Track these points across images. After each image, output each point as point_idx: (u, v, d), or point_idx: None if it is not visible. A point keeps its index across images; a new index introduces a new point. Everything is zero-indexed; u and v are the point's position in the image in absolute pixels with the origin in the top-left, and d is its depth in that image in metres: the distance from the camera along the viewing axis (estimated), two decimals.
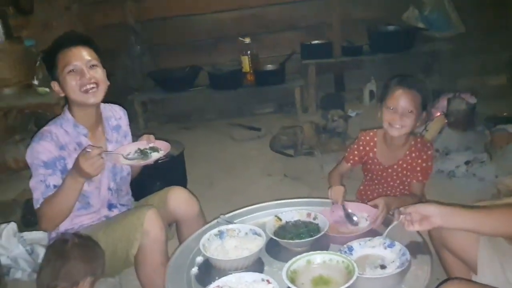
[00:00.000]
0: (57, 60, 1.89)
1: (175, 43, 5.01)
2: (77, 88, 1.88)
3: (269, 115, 4.97)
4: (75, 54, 1.89)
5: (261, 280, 1.47)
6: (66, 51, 1.89)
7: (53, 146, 1.87)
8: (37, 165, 1.85)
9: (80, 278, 1.58)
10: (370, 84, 4.72)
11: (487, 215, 1.42)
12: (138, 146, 1.94)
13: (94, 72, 1.91)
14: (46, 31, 4.06)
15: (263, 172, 3.72)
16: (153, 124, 4.96)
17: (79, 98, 1.90)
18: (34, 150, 1.86)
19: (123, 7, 4.90)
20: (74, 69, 1.88)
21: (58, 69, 1.89)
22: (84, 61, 1.89)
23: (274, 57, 4.89)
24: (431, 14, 4.73)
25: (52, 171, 1.85)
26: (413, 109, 2.04)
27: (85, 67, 1.89)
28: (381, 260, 1.57)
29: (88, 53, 1.92)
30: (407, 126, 2.07)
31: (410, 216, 1.48)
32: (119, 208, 2.11)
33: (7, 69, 2.99)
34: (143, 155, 1.90)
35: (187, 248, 1.79)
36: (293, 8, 4.95)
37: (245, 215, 1.99)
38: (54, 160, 1.86)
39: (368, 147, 2.27)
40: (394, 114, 2.06)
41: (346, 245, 1.63)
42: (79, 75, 1.88)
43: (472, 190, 3.07)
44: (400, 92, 2.05)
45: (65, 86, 1.90)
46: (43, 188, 1.83)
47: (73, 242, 1.61)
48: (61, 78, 1.90)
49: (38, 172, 1.85)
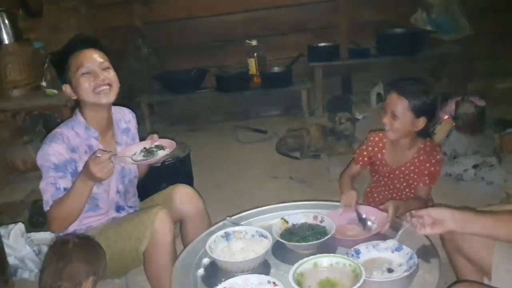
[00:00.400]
0: (69, 63, 1.90)
1: (182, 45, 5.02)
2: (91, 89, 1.89)
3: (276, 117, 4.97)
4: (88, 56, 1.90)
5: (267, 282, 1.47)
6: (78, 54, 1.89)
7: (64, 148, 1.88)
8: (47, 167, 1.85)
9: (83, 279, 1.58)
10: (377, 87, 4.70)
11: (501, 221, 1.40)
12: (143, 146, 1.95)
13: (107, 73, 1.92)
14: (54, 33, 4.09)
15: (269, 175, 3.71)
16: (160, 126, 4.97)
17: (92, 99, 1.90)
18: (45, 152, 1.86)
19: (130, 10, 4.93)
20: (87, 71, 1.88)
21: (71, 72, 1.90)
22: (97, 63, 1.90)
23: (281, 59, 4.89)
24: (439, 17, 4.72)
25: (62, 174, 1.85)
26: (400, 114, 2.06)
27: (98, 69, 1.90)
28: (388, 263, 1.56)
29: (100, 55, 1.93)
30: (395, 129, 2.10)
31: (422, 219, 1.47)
32: (127, 210, 2.12)
33: (17, 71, 3.02)
34: (149, 154, 1.91)
35: (193, 249, 1.79)
36: (300, 10, 4.96)
37: (251, 217, 1.98)
38: (65, 162, 1.86)
39: (377, 148, 2.27)
40: (385, 116, 2.11)
41: (353, 248, 1.62)
42: (93, 77, 1.88)
43: (480, 194, 3.05)
44: (391, 96, 2.10)
45: (78, 88, 1.90)
46: (53, 190, 1.84)
47: (74, 243, 1.61)
48: (73, 80, 1.90)
49: (48, 175, 1.85)
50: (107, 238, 1.86)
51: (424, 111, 2.08)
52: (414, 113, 2.07)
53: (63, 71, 1.92)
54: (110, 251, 1.78)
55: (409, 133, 2.14)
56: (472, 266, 1.68)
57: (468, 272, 1.72)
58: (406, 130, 2.11)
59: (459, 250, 1.69)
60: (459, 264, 1.76)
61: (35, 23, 3.76)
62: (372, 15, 4.84)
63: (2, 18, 2.97)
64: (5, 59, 2.97)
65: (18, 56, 3.00)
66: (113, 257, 1.82)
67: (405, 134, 2.14)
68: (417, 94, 2.07)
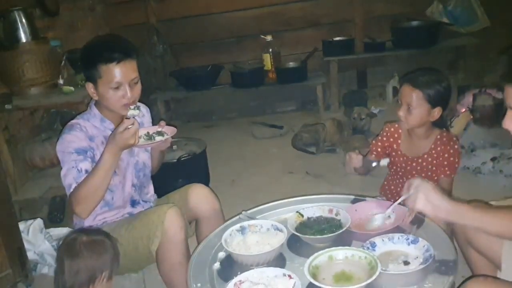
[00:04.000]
0: (100, 71, 1.85)
1: (197, 42, 5.04)
2: (118, 104, 1.90)
3: (291, 113, 4.96)
4: (122, 71, 1.86)
5: (282, 275, 1.47)
6: (112, 67, 1.84)
7: (83, 135, 1.90)
8: (68, 154, 1.86)
9: (96, 274, 1.58)
10: (393, 80, 4.66)
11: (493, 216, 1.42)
12: (147, 131, 2.00)
13: (136, 89, 1.92)
14: (71, 31, 4.14)
15: (285, 170, 3.72)
16: (176, 123, 4.96)
17: (115, 109, 1.91)
18: (65, 140, 1.88)
19: (145, 7, 4.96)
20: (118, 87, 1.87)
21: (101, 79, 1.86)
22: (129, 79, 1.88)
23: (296, 54, 4.87)
24: (456, 9, 4.65)
25: (83, 157, 1.86)
26: (416, 105, 2.09)
27: (128, 85, 1.88)
28: (404, 256, 1.55)
29: (132, 68, 1.90)
30: (411, 121, 2.13)
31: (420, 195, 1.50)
32: (142, 204, 2.14)
33: (34, 69, 3.04)
34: (148, 138, 1.96)
35: (209, 243, 1.80)
36: (314, 5, 4.94)
37: (267, 211, 1.98)
38: (84, 148, 1.88)
39: (392, 138, 2.29)
40: (401, 110, 2.14)
41: (368, 241, 1.61)
42: (122, 92, 1.88)
43: (499, 187, 3.02)
44: (404, 88, 2.14)
45: (104, 95, 1.89)
46: (75, 173, 1.84)
47: (81, 241, 1.60)
48: (101, 87, 1.88)
49: (70, 159, 1.85)
50: (120, 236, 1.87)
51: (438, 100, 2.11)
52: (429, 103, 2.10)
53: (90, 73, 1.89)
54: (124, 249, 1.79)
55: (425, 123, 2.16)
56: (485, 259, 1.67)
57: (482, 265, 1.71)
58: (422, 120, 2.14)
59: (470, 243, 1.68)
60: (472, 257, 1.75)
61: (52, 22, 3.79)
62: (387, 8, 4.80)
63: (19, 17, 2.99)
64: (23, 57, 2.99)
65: (35, 54, 3.02)
66: (127, 255, 1.84)
67: (421, 125, 2.16)
68: (430, 84, 2.10)
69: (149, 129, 2.03)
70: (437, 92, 2.09)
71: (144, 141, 1.95)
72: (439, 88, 2.10)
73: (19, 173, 3.15)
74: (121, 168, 2.02)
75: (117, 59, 1.84)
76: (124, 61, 1.86)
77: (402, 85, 2.18)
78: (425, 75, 2.13)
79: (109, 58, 1.84)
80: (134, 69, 1.91)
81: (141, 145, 1.94)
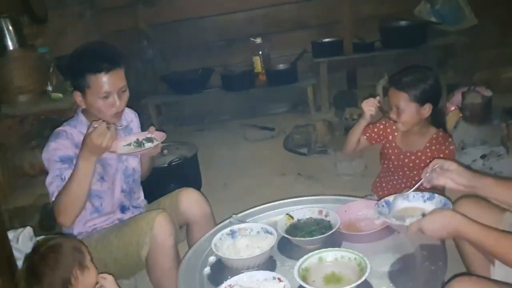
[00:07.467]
0: (89, 81, 1.84)
1: (187, 46, 5.02)
2: (107, 112, 1.89)
3: (282, 114, 4.97)
4: (110, 81, 1.85)
5: (272, 278, 1.47)
6: (100, 77, 1.83)
7: (69, 143, 1.89)
8: (54, 162, 1.85)
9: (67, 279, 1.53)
10: (383, 80, 4.66)
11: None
12: (136, 137, 1.99)
13: (124, 98, 1.92)
14: (60, 37, 4.11)
15: (277, 172, 3.72)
16: (168, 127, 4.98)
17: (105, 118, 1.89)
18: (51, 148, 1.87)
19: (135, 12, 4.95)
20: (107, 96, 1.86)
21: (90, 89, 1.85)
22: (117, 88, 1.87)
23: (286, 56, 4.88)
24: (443, 8, 4.68)
25: (68, 166, 1.85)
26: (403, 107, 2.12)
27: (116, 94, 1.88)
28: (421, 211, 1.54)
29: (121, 77, 1.89)
30: (403, 122, 2.16)
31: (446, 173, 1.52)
32: (132, 210, 2.13)
33: (22, 77, 3.03)
34: (137, 145, 1.94)
35: (199, 248, 1.80)
36: (303, 7, 4.94)
37: (257, 214, 1.99)
38: (70, 156, 1.87)
39: (389, 129, 2.31)
40: (392, 112, 2.18)
41: (383, 199, 1.63)
42: (111, 101, 1.87)
43: None
44: (391, 91, 2.19)
45: (93, 105, 1.88)
46: (59, 181, 1.83)
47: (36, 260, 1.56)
48: (89, 97, 1.87)
49: (54, 168, 1.85)
50: (110, 243, 1.87)
51: (426, 98, 2.12)
52: (417, 102, 2.12)
53: (78, 82, 1.87)
54: (114, 255, 1.78)
55: (418, 121, 2.18)
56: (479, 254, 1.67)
57: (477, 259, 1.71)
58: (413, 120, 2.17)
59: None
60: (466, 252, 1.75)
61: (40, 29, 3.77)
62: (375, 8, 4.81)
63: (6, 24, 2.98)
64: (10, 65, 2.98)
65: (23, 62, 3.01)
66: (117, 261, 1.83)
67: (415, 123, 2.19)
68: (414, 83, 2.12)
69: (138, 135, 2.01)
70: (423, 90, 2.11)
71: (134, 148, 1.94)
72: (424, 86, 2.11)
73: (9, 181, 3.13)
74: (109, 174, 2.01)
75: (105, 69, 1.83)
76: (112, 71, 1.85)
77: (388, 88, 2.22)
78: (408, 75, 2.15)
79: (97, 69, 1.83)
80: (122, 78, 1.90)
81: (130, 153, 1.93)
